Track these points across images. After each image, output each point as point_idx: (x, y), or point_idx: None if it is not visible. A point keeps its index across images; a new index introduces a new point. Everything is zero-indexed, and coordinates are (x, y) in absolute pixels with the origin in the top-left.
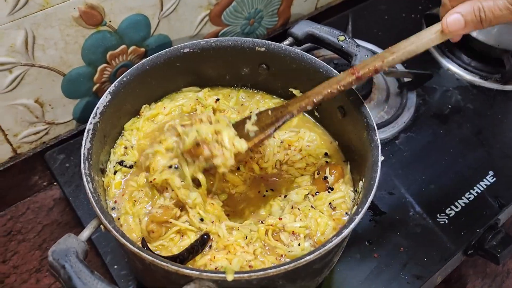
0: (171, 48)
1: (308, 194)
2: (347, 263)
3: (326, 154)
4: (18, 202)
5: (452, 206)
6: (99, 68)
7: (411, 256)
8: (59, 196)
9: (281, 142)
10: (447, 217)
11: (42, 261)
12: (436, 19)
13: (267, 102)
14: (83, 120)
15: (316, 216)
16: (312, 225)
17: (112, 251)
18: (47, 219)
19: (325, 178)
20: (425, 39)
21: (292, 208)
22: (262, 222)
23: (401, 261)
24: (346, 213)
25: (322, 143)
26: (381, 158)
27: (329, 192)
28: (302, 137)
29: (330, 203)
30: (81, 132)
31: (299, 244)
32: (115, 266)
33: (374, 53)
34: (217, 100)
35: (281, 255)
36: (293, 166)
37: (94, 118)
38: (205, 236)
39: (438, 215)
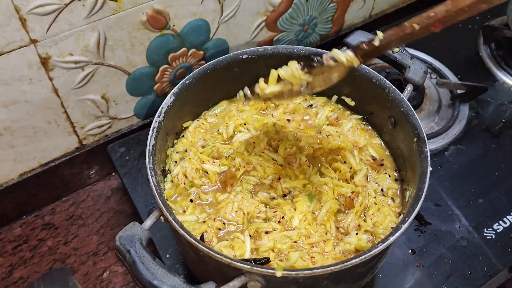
0: (231, 54)
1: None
2: (389, 270)
3: (373, 157)
4: (80, 189)
5: (501, 222)
6: (160, 69)
7: (455, 268)
8: (116, 186)
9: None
10: (494, 232)
11: (99, 245)
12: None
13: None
14: (142, 117)
15: (386, 214)
16: (379, 220)
17: (164, 240)
18: (104, 206)
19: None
20: None
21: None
22: (347, 211)
23: (444, 272)
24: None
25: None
26: (429, 169)
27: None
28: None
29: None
30: (141, 128)
31: (356, 234)
32: (167, 255)
33: (428, 64)
34: None
35: (338, 239)
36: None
37: (158, 117)
38: (264, 260)
39: (485, 229)
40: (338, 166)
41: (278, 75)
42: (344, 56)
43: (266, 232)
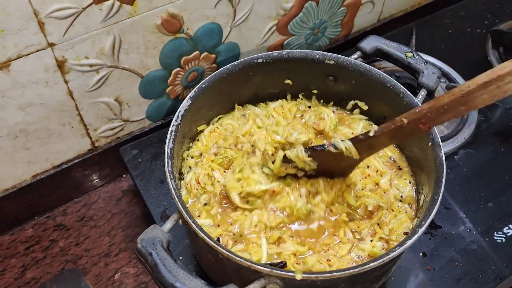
0: (246, 58)
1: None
2: (400, 273)
3: (390, 157)
4: (91, 190)
5: (511, 225)
6: (173, 72)
7: (466, 272)
8: (127, 188)
9: None
10: (504, 236)
11: (110, 247)
12: (503, 35)
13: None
14: (154, 119)
15: (402, 220)
16: (395, 227)
17: (177, 241)
18: (115, 208)
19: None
20: None
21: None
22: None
23: (455, 276)
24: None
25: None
26: (445, 173)
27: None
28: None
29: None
30: (152, 130)
31: (371, 240)
32: (181, 257)
33: (440, 69)
34: None
35: (353, 243)
36: None
37: (176, 120)
38: (281, 265)
39: (495, 233)
40: (363, 171)
41: (285, 155)
42: (344, 145)
43: (291, 236)
